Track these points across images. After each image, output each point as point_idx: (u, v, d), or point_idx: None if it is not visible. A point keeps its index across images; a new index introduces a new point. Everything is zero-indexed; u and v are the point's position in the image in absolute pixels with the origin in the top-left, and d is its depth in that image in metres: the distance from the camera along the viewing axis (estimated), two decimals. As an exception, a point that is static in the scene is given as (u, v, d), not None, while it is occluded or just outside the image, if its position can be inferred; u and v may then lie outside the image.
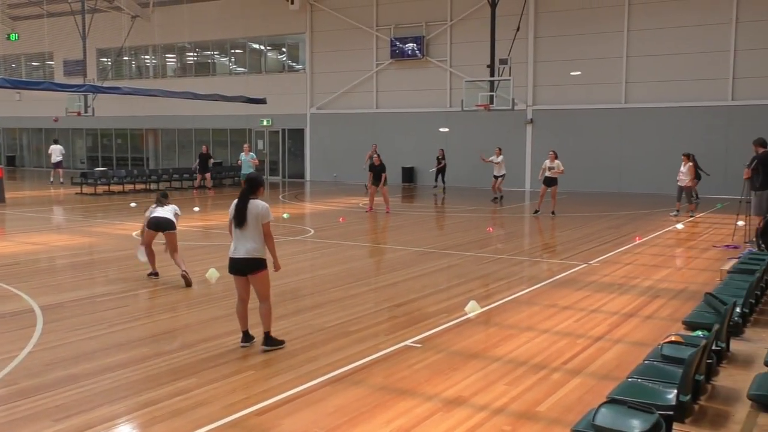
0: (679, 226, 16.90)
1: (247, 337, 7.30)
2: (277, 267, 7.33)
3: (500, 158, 23.02)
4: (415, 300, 9.44)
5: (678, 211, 18.96)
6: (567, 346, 7.34)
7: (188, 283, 9.99)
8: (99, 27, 34.61)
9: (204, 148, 27.86)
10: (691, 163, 18.94)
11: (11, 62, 44.02)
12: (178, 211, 10.74)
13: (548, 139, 26.58)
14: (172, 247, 10.34)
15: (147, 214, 10.59)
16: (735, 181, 19.01)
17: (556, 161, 19.15)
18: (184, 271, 10.10)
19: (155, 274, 10.65)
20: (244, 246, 7.04)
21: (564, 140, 26.86)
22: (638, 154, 26.18)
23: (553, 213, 19.11)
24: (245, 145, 25.50)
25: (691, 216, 18.68)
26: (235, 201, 7.17)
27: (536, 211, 19.55)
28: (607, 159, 26.93)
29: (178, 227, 10.61)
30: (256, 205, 7.07)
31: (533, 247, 15.04)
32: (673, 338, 5.87)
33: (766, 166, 13.21)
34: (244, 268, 7.09)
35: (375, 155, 20.66)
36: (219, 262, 6.96)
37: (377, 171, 20.05)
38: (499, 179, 23.08)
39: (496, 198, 23.18)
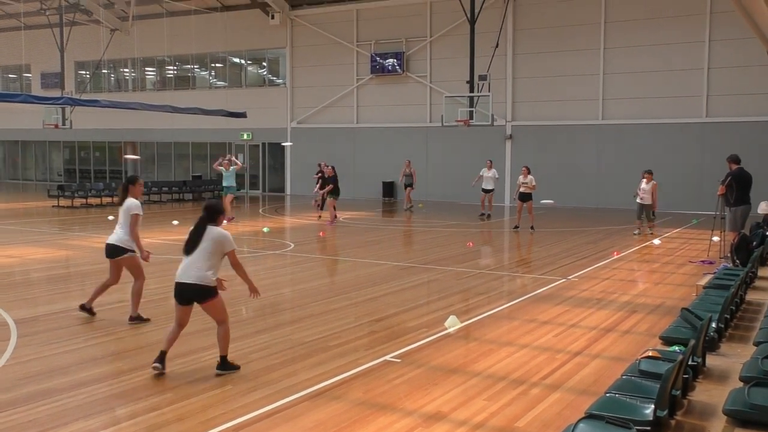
0: (656, 241, 17.05)
1: (162, 359, 6.76)
2: (253, 289, 6.99)
3: (492, 172, 22.67)
4: (395, 315, 9.43)
5: (639, 230, 18.51)
6: (546, 361, 7.36)
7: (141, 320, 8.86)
8: (77, 40, 34.43)
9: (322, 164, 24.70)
10: (654, 182, 18.33)
11: (-13, 75, 43.66)
12: (138, 211, 8.76)
13: (527, 155, 26.75)
14: (132, 275, 8.87)
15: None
16: (709, 197, 19.14)
17: (529, 176, 19.23)
18: (133, 315, 8.81)
19: (88, 309, 9.06)
20: (190, 272, 6.65)
21: (542, 156, 27.11)
22: (615, 169, 26.44)
23: (532, 228, 19.21)
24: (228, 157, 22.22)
25: (650, 233, 18.38)
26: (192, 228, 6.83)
27: (516, 227, 19.64)
28: (584, 174, 27.18)
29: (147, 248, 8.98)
30: (216, 233, 6.73)
31: (512, 262, 15.11)
32: (650, 353, 5.91)
33: (740, 182, 13.40)
34: (192, 296, 6.70)
35: (329, 167, 20.61)
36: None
37: (328, 182, 20.24)
38: (490, 194, 22.70)
39: (483, 214, 22.85)
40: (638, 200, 18.36)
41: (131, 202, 8.80)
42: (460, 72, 26.40)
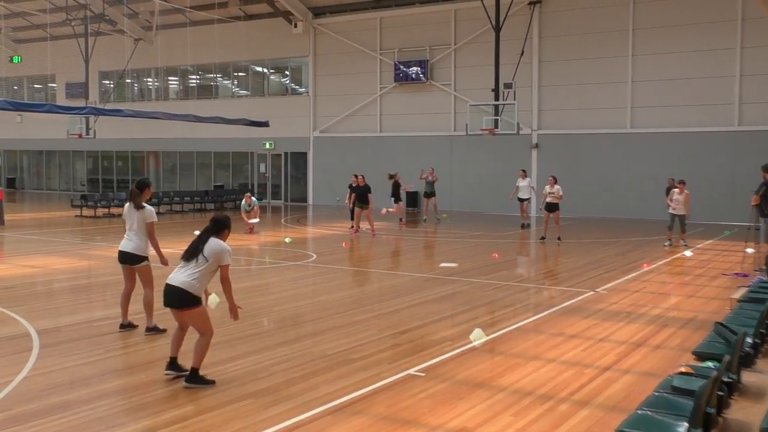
0: (688, 253, 16.71)
1: (172, 366, 6.91)
2: (233, 310, 6.88)
3: (526, 181, 22.77)
4: (418, 327, 9.28)
5: (670, 241, 18.04)
6: (574, 376, 7.17)
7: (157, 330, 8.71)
8: (101, 50, 34.85)
9: (396, 174, 24.11)
10: (687, 192, 17.92)
11: (14, 84, 44.28)
12: (156, 218, 8.67)
13: (553, 164, 26.46)
14: (143, 283, 8.73)
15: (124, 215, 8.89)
16: (743, 207, 18.78)
17: (556, 186, 18.97)
18: (150, 326, 8.69)
19: (128, 325, 8.91)
20: (178, 276, 6.67)
21: (569, 165, 26.79)
22: (644, 179, 26.03)
23: (559, 239, 18.95)
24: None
25: (684, 244, 17.93)
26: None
27: (542, 238, 19.38)
28: (612, 184, 26.81)
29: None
30: (216, 244, 6.72)
31: (539, 273, 14.89)
32: (683, 369, 5.74)
33: (774, 192, 13.11)
34: (172, 298, 6.68)
35: (357, 176, 20.50)
36: (219, 287, 6.73)
37: (360, 192, 20.08)
38: (525, 203, 22.78)
39: (524, 224, 22.77)
40: (671, 210, 17.98)
41: (149, 209, 8.59)
42: (485, 80, 26.25)
